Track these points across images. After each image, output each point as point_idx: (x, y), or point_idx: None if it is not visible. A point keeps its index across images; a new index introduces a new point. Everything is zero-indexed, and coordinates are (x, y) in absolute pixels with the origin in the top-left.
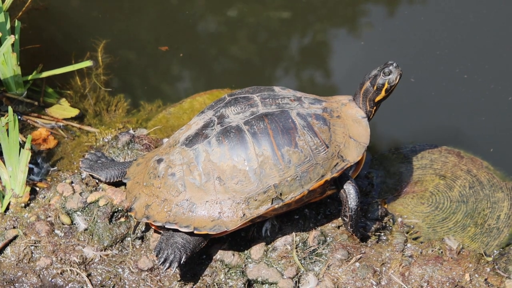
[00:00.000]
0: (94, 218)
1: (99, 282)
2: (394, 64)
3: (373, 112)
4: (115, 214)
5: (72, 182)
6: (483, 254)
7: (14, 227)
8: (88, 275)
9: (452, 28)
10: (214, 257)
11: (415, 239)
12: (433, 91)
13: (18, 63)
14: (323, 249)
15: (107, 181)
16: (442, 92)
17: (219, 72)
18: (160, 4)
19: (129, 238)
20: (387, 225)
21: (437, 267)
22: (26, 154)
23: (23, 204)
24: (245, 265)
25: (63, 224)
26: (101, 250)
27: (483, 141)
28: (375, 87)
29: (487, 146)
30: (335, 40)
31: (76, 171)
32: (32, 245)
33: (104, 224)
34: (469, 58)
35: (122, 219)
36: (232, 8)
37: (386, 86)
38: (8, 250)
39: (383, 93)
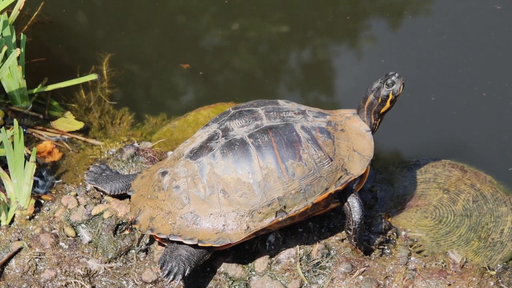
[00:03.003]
0: (99, 230)
1: None
2: (396, 74)
3: (377, 125)
4: (120, 226)
5: (76, 195)
6: (487, 268)
7: (18, 239)
8: (93, 287)
9: (475, 46)
10: (218, 269)
11: (418, 252)
12: (446, 107)
13: (24, 76)
14: (327, 262)
15: (111, 193)
16: (451, 107)
17: (223, 86)
18: (164, 19)
19: (133, 251)
20: (391, 238)
21: (440, 281)
22: (31, 167)
23: (27, 217)
24: (249, 278)
25: (67, 236)
26: (106, 263)
27: (490, 156)
28: (379, 100)
29: (493, 161)
30: (341, 56)
31: (80, 183)
32: (36, 257)
33: (108, 236)
34: (489, 77)
35: (127, 232)
36: (234, 23)
37: (390, 97)
38: (13, 262)
39: (388, 105)
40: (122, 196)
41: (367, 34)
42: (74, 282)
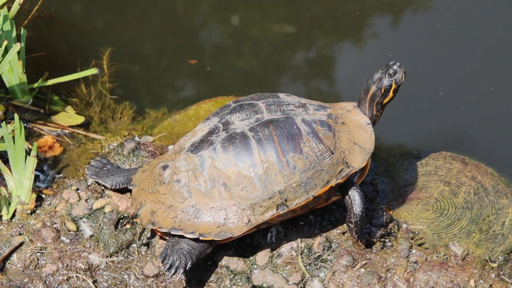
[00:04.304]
0: (100, 224)
1: None
2: (398, 64)
3: (379, 116)
4: (121, 220)
5: (78, 189)
6: (488, 260)
7: (20, 234)
8: (94, 282)
9: (483, 40)
10: (219, 263)
11: (420, 245)
12: (450, 100)
13: (24, 71)
14: (328, 255)
15: (112, 187)
16: (456, 100)
17: (224, 79)
18: (164, 13)
19: (134, 245)
20: (392, 231)
21: (442, 273)
22: (32, 161)
23: (29, 211)
24: (250, 271)
25: (69, 230)
26: (107, 257)
27: (490, 148)
28: (382, 90)
29: (494, 154)
30: (346, 51)
31: (82, 178)
32: (38, 252)
33: (109, 230)
34: (497, 71)
35: (128, 226)
36: (234, 16)
37: (393, 86)
38: (14, 256)
39: (391, 94)
40: (123, 190)
41: (374, 28)
42: (76, 276)
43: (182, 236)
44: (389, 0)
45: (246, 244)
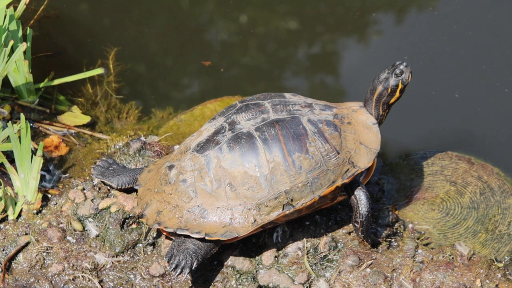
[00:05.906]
0: (106, 224)
1: None
2: (404, 64)
3: (385, 116)
4: (127, 220)
5: (83, 189)
6: (494, 260)
7: (26, 234)
8: (100, 281)
9: (500, 42)
10: (225, 263)
11: (426, 245)
12: (462, 101)
13: (30, 70)
14: (334, 255)
15: (118, 187)
16: (466, 101)
17: (229, 79)
18: (170, 12)
19: (140, 245)
20: (398, 231)
21: (448, 273)
22: (38, 161)
23: (35, 211)
24: (256, 271)
25: (75, 230)
26: (113, 257)
27: (497, 148)
28: (389, 90)
29: (500, 153)
30: (356, 52)
31: (87, 178)
32: (44, 252)
33: (115, 230)
34: None
35: (134, 226)
36: (242, 16)
37: (400, 86)
38: (20, 256)
39: (397, 94)
40: (129, 190)
41: (388, 30)
42: (82, 276)
43: (188, 236)
44: (406, 1)
45: (252, 244)
